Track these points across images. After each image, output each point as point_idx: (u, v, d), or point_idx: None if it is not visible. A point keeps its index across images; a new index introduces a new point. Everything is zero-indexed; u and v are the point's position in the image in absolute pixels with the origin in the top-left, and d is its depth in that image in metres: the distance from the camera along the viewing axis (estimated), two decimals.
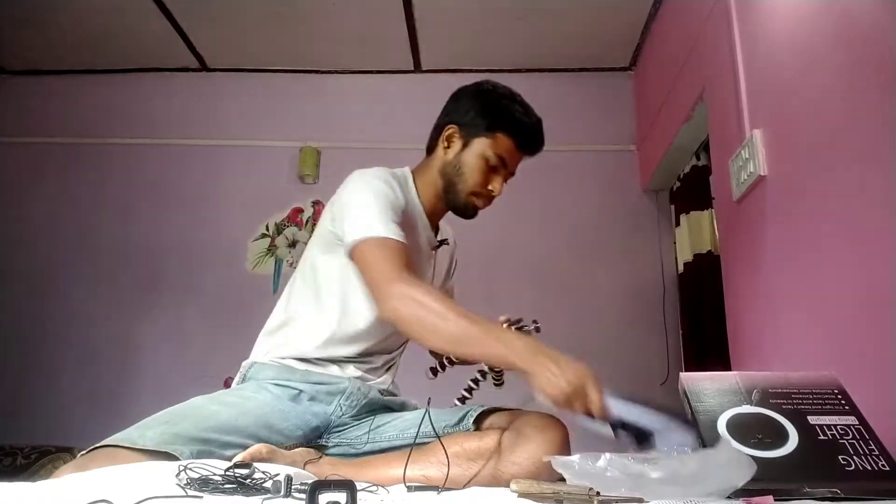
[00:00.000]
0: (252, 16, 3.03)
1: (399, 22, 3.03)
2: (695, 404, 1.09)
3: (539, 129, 1.43)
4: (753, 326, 1.90)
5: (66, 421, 2.93)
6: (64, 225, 3.26)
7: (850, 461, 0.97)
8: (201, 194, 3.23)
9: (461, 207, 1.44)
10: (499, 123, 1.39)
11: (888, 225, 1.27)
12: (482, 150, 1.39)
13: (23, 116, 3.43)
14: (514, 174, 1.45)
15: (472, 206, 1.44)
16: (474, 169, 1.40)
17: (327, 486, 0.69)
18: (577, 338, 3.01)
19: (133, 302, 3.13)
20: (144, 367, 3.05)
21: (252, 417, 1.19)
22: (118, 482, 0.83)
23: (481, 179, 1.40)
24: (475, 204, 1.43)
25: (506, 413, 1.21)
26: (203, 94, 3.45)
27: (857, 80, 1.40)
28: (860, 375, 1.24)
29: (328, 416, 1.32)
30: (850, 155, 1.42)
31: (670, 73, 2.72)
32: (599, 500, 0.83)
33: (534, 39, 3.16)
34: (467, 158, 1.40)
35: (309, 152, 3.19)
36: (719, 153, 2.17)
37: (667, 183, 3.07)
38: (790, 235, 1.69)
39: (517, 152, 1.41)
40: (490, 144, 1.39)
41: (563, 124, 3.29)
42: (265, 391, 1.29)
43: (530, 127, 1.41)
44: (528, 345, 1.10)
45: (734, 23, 2.02)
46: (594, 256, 3.14)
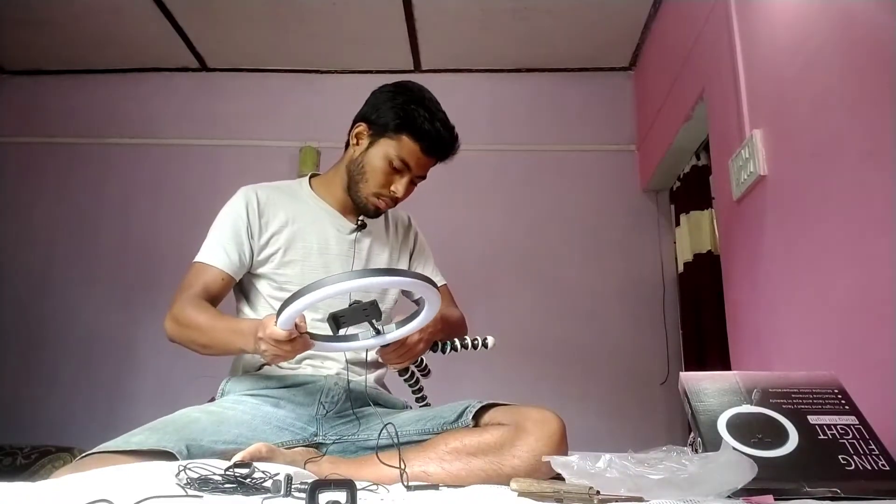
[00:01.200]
0: (252, 16, 3.03)
1: (399, 22, 3.03)
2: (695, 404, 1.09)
3: (445, 136, 1.40)
4: (753, 326, 1.90)
5: (66, 421, 2.93)
6: (64, 225, 3.26)
7: (850, 461, 0.98)
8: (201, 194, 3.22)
9: (361, 206, 1.45)
10: (403, 126, 1.38)
11: (888, 225, 1.27)
12: (386, 152, 1.39)
13: (23, 116, 3.43)
14: (424, 178, 1.45)
15: (372, 206, 1.43)
16: (376, 169, 1.40)
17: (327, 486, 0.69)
18: (577, 338, 3.03)
19: (133, 302, 3.13)
20: (144, 367, 3.05)
21: (234, 423, 1.21)
22: (118, 482, 0.83)
23: (383, 180, 1.40)
24: (376, 204, 1.43)
25: (504, 408, 1.22)
26: (203, 93, 3.45)
27: (858, 80, 1.40)
28: (860, 375, 1.24)
29: (312, 416, 1.33)
30: (850, 155, 1.42)
31: (670, 73, 2.72)
32: (599, 500, 0.83)
33: (534, 39, 3.16)
34: (371, 158, 1.41)
35: (309, 152, 3.20)
36: (719, 153, 2.17)
37: (667, 183, 3.07)
38: (790, 235, 1.69)
39: (423, 157, 1.39)
40: (394, 146, 1.38)
41: (563, 124, 3.32)
42: (243, 402, 1.31)
43: (434, 133, 1.38)
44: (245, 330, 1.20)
45: (734, 23, 2.02)
46: (594, 256, 3.14)
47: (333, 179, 1.49)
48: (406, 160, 1.38)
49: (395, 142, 1.38)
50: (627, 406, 2.92)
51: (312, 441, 1.29)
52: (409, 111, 1.38)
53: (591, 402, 2.89)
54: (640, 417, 2.90)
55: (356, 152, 1.44)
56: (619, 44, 3.20)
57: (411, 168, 1.40)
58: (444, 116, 1.42)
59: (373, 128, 1.42)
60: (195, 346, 1.30)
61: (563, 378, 2.94)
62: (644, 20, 2.99)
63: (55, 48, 3.28)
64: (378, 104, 1.43)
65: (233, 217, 1.41)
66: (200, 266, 1.38)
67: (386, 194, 1.41)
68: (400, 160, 1.38)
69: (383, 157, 1.39)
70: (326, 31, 3.10)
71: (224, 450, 1.11)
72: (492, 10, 2.96)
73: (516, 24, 3.03)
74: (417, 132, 1.37)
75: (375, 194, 1.41)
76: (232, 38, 3.22)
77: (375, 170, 1.40)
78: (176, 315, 1.32)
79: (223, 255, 1.38)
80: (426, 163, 1.41)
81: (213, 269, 1.37)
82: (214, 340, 1.27)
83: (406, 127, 1.38)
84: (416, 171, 1.41)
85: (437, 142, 1.39)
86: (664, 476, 0.85)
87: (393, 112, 1.39)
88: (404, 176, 1.40)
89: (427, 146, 1.38)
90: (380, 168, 1.39)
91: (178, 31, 3.14)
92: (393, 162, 1.38)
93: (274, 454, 1.06)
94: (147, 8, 2.94)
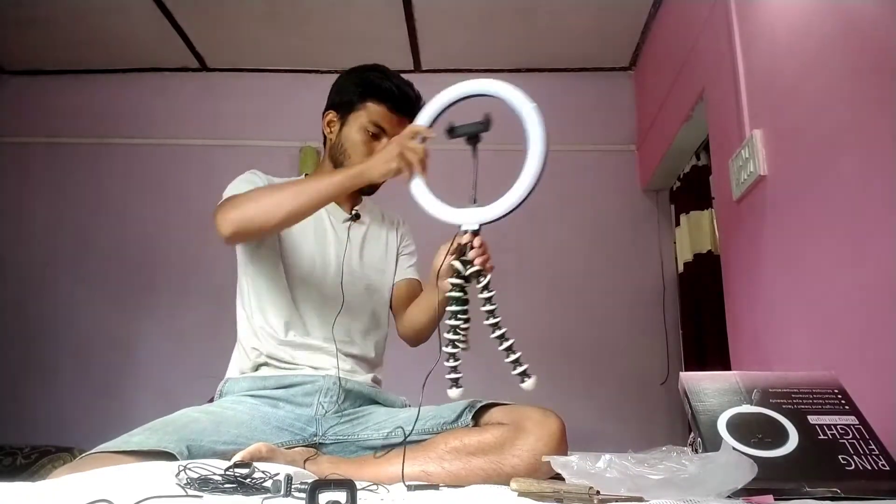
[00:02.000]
0: (252, 16, 3.03)
1: (399, 22, 3.03)
2: (695, 404, 1.09)
3: (407, 91, 1.45)
4: (753, 326, 1.90)
5: (65, 421, 2.93)
6: (64, 225, 3.26)
7: (850, 461, 0.98)
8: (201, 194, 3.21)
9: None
10: (365, 93, 1.43)
11: (888, 225, 1.27)
12: (357, 123, 1.44)
13: (23, 116, 3.43)
14: None
15: None
16: (355, 143, 1.43)
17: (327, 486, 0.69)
18: (577, 338, 3.03)
19: (133, 302, 3.13)
20: (144, 367, 3.05)
21: (233, 424, 1.22)
22: (118, 482, 0.83)
23: (365, 150, 1.42)
24: None
25: (504, 408, 1.22)
26: (203, 93, 3.44)
27: (858, 79, 1.40)
28: (860, 375, 1.24)
29: (311, 416, 1.33)
30: (850, 155, 1.42)
31: (670, 73, 2.72)
32: (599, 500, 0.83)
33: (534, 39, 3.16)
34: (347, 135, 1.45)
35: (309, 152, 3.19)
36: (719, 153, 2.17)
37: (667, 183, 3.07)
38: (790, 235, 1.69)
39: (393, 116, 1.43)
40: (363, 115, 1.43)
41: (563, 124, 3.30)
42: (242, 403, 1.32)
43: (395, 89, 1.43)
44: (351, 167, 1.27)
45: (734, 23, 2.02)
46: (594, 256, 3.14)
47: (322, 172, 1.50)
48: (379, 123, 1.43)
49: (362, 111, 1.44)
50: (627, 406, 2.92)
51: (312, 441, 1.30)
52: (365, 79, 1.45)
53: (591, 401, 2.88)
54: (640, 417, 2.90)
55: (333, 137, 1.48)
56: (619, 44, 3.20)
57: (387, 130, 1.43)
58: (399, 76, 1.46)
59: (339, 110, 1.47)
60: (275, 201, 1.28)
61: (562, 378, 2.93)
62: (644, 20, 2.99)
63: (55, 48, 3.27)
64: (337, 88, 1.49)
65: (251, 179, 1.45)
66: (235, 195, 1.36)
67: None
68: (373, 124, 1.42)
69: (357, 129, 1.43)
70: (326, 31, 3.10)
71: (224, 450, 1.11)
72: (492, 10, 2.96)
73: (516, 24, 3.03)
74: (379, 93, 1.43)
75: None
76: (232, 38, 3.22)
77: (355, 143, 1.43)
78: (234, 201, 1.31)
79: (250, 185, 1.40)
80: (398, 122, 1.43)
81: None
82: (311, 183, 1.29)
83: (367, 93, 1.43)
84: (393, 133, 1.41)
85: (400, 98, 1.43)
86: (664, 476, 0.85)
87: (352, 87, 1.45)
88: (383, 140, 1.42)
89: (392, 104, 1.43)
90: (359, 140, 1.43)
91: (178, 31, 3.14)
92: (368, 129, 1.42)
93: (274, 454, 1.06)
94: (147, 8, 2.94)
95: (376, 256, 1.54)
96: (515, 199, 1.13)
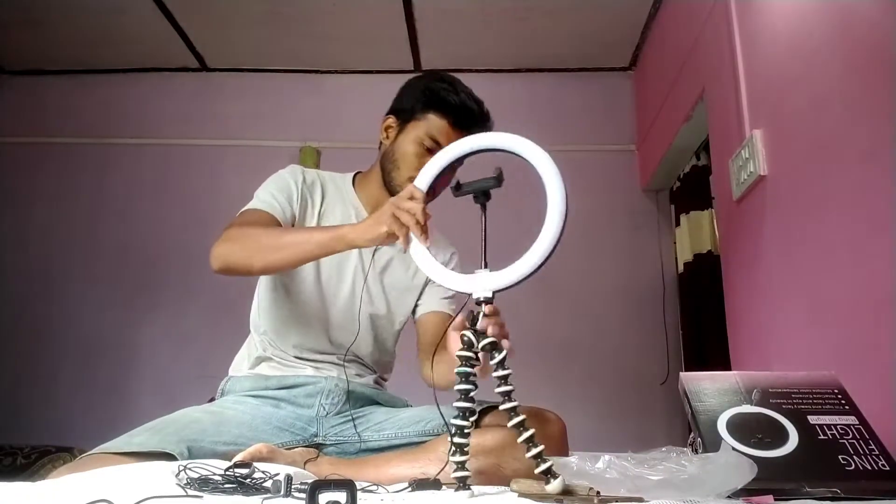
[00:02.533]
0: (252, 16, 3.03)
1: (399, 22, 3.03)
2: (695, 404, 1.09)
3: (473, 107, 1.37)
4: (753, 326, 1.90)
5: (66, 421, 2.93)
6: (64, 225, 3.26)
7: (850, 461, 0.98)
8: (201, 194, 3.22)
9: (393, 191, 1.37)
10: (429, 104, 1.36)
11: (888, 225, 1.27)
12: (415, 134, 1.36)
13: (23, 116, 3.43)
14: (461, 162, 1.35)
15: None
16: (408, 154, 1.36)
17: (327, 486, 0.69)
18: (577, 338, 3.03)
19: (133, 302, 3.13)
20: (144, 367, 3.05)
21: (234, 424, 1.21)
22: (118, 482, 0.83)
23: (416, 163, 1.33)
24: None
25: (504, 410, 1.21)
26: (203, 93, 3.44)
27: (858, 79, 1.40)
28: (860, 375, 1.24)
29: (313, 416, 1.33)
30: (850, 155, 1.42)
31: (670, 73, 2.72)
32: (600, 500, 0.83)
33: (534, 39, 3.16)
34: (401, 145, 1.37)
35: (309, 152, 3.20)
36: (719, 153, 2.17)
37: (667, 183, 3.07)
38: (790, 235, 1.69)
39: (453, 131, 1.34)
40: (422, 126, 1.36)
41: (563, 124, 3.31)
42: (244, 403, 1.31)
43: (460, 104, 1.35)
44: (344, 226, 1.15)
45: (734, 23, 2.02)
46: (594, 256, 3.14)
47: (371, 178, 1.47)
48: (436, 137, 1.34)
49: (422, 122, 1.36)
50: (627, 406, 2.92)
51: (312, 442, 1.29)
52: (431, 88, 1.37)
53: (592, 402, 2.88)
54: (640, 417, 2.90)
55: (387, 145, 1.41)
56: (619, 44, 3.20)
57: (442, 145, 1.31)
58: (470, 90, 1.39)
59: (400, 116, 1.40)
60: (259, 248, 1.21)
61: (563, 378, 2.93)
62: (644, 20, 2.99)
63: (55, 48, 3.28)
64: (403, 94, 1.42)
65: (284, 181, 1.39)
66: (249, 211, 1.33)
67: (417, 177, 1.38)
68: (430, 138, 1.34)
69: (413, 140, 1.36)
70: (326, 31, 3.10)
71: (225, 450, 1.11)
72: (492, 10, 2.96)
73: (516, 24, 3.03)
74: (443, 106, 1.35)
75: (410, 178, 1.32)
76: (232, 38, 3.22)
77: (406, 154, 1.36)
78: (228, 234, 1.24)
79: (274, 202, 1.34)
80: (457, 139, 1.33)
81: (263, 213, 1.32)
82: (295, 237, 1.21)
83: (431, 104, 1.36)
84: None
85: (464, 113, 1.35)
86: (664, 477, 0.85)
87: (417, 94, 1.38)
88: None
89: (455, 119, 1.35)
90: (411, 152, 1.35)
91: (178, 31, 3.14)
92: (424, 142, 1.35)
93: (274, 454, 1.06)
94: (147, 8, 2.94)
95: (399, 282, 1.47)
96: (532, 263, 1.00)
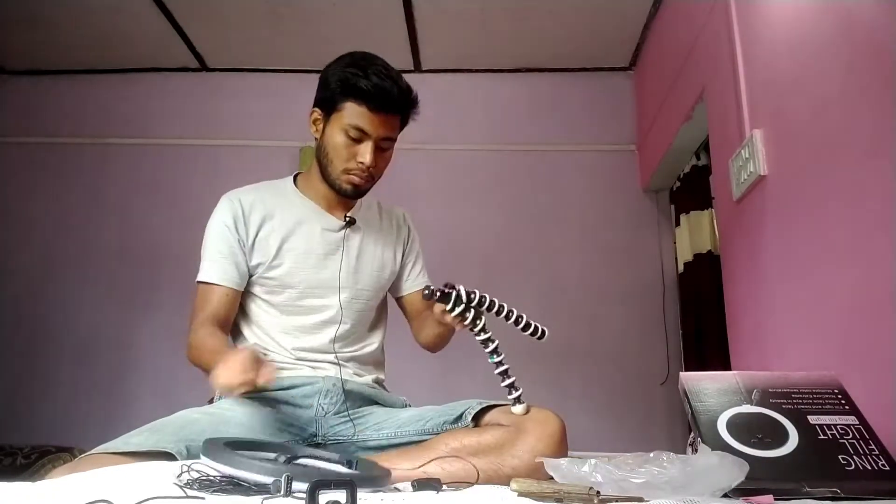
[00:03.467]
0: (252, 16, 3.03)
1: (399, 22, 3.03)
2: (695, 404, 1.09)
3: (388, 86, 1.32)
4: (753, 326, 1.90)
5: (65, 421, 2.94)
6: (64, 225, 3.26)
7: (850, 461, 0.98)
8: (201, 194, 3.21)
9: (338, 189, 1.39)
10: (344, 92, 1.33)
11: (888, 225, 1.27)
12: (339, 125, 1.34)
13: (23, 116, 3.43)
14: (392, 140, 1.38)
15: (347, 185, 1.38)
16: (337, 146, 1.35)
17: (327, 486, 0.69)
18: (577, 337, 3.03)
19: (132, 302, 3.13)
20: (144, 367, 3.05)
21: (233, 424, 1.21)
22: (118, 482, 0.83)
23: (346, 154, 1.34)
24: (350, 181, 1.37)
25: (504, 409, 1.22)
26: (203, 93, 3.45)
27: (857, 79, 1.40)
28: (860, 375, 1.24)
29: (311, 416, 1.33)
30: (850, 155, 1.42)
31: (670, 73, 2.72)
32: (600, 500, 0.83)
33: (534, 39, 3.16)
34: (330, 137, 1.36)
35: (309, 152, 3.18)
36: (719, 153, 2.17)
37: (667, 183, 3.07)
38: (790, 235, 1.69)
39: (374, 115, 1.32)
40: (344, 116, 1.33)
41: (563, 124, 3.32)
42: (242, 405, 1.31)
43: (374, 88, 1.31)
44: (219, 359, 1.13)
45: (734, 23, 2.02)
46: (594, 256, 3.14)
47: (312, 174, 1.47)
48: (359, 126, 1.32)
49: (342, 112, 1.33)
50: (627, 406, 2.92)
51: (312, 441, 1.30)
52: (343, 76, 1.33)
53: (592, 401, 2.89)
54: (640, 417, 2.90)
55: (318, 139, 1.41)
56: (619, 44, 3.20)
57: (369, 132, 1.33)
58: (382, 68, 1.34)
59: (323, 108, 1.39)
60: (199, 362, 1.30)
61: (563, 378, 2.94)
62: (644, 20, 2.99)
63: (55, 48, 3.28)
64: (322, 84, 1.40)
65: (222, 231, 1.40)
66: (205, 288, 1.38)
67: (354, 167, 1.36)
68: (353, 128, 1.33)
69: (338, 131, 1.34)
70: (326, 31, 3.10)
71: None
72: (492, 10, 2.96)
73: (516, 24, 3.03)
74: (356, 93, 1.31)
75: (344, 170, 1.37)
76: (232, 38, 3.22)
77: (336, 146, 1.35)
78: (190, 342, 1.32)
79: (221, 271, 1.37)
80: (381, 121, 1.33)
81: (217, 288, 1.37)
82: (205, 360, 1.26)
83: (346, 92, 1.32)
84: (376, 135, 1.33)
85: (379, 96, 1.31)
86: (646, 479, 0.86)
87: (333, 84, 1.35)
88: (365, 142, 1.34)
89: (372, 104, 1.31)
90: (339, 143, 1.35)
91: (178, 31, 3.14)
92: (348, 132, 1.33)
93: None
94: (147, 8, 2.94)
95: (375, 266, 1.49)
96: None
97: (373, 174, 1.39)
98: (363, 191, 1.42)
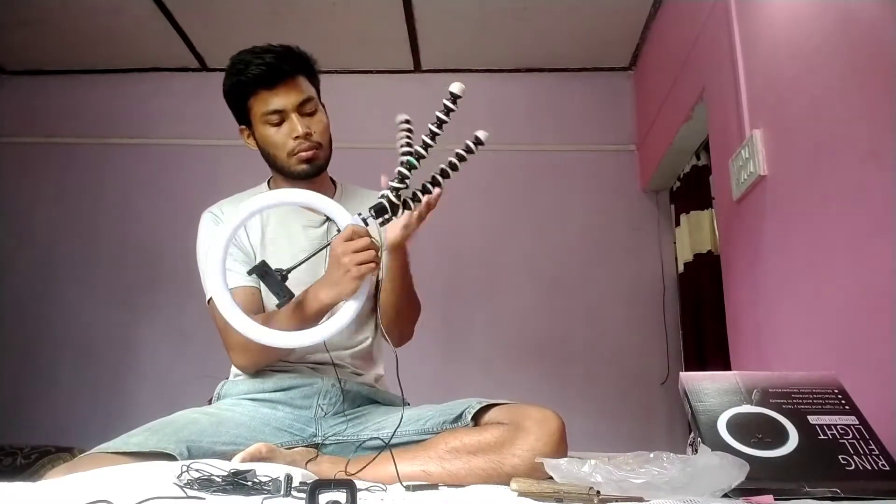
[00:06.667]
0: (252, 16, 3.03)
1: (399, 22, 3.03)
2: (695, 404, 1.09)
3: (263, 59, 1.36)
4: (753, 326, 1.90)
5: (65, 421, 2.93)
6: (64, 225, 3.26)
7: (850, 461, 0.98)
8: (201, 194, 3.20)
9: (292, 174, 1.42)
10: (241, 98, 1.40)
11: (888, 225, 1.27)
12: (259, 123, 1.40)
13: (23, 116, 3.43)
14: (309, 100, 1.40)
15: (298, 165, 1.41)
16: (268, 137, 1.40)
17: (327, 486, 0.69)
18: (577, 337, 3.03)
19: (133, 302, 3.13)
20: (144, 367, 3.05)
21: (232, 425, 1.21)
22: (118, 482, 0.83)
23: (280, 139, 1.39)
24: (300, 159, 1.40)
25: (504, 407, 1.22)
26: (203, 93, 3.43)
27: (857, 80, 1.40)
28: (860, 375, 1.24)
29: (311, 417, 1.33)
30: (849, 155, 1.42)
31: (670, 73, 2.72)
32: (599, 500, 0.83)
33: (534, 39, 3.16)
34: (262, 138, 1.42)
35: None
36: (719, 153, 2.17)
37: (667, 183, 3.07)
38: (790, 235, 1.69)
39: (275, 92, 1.37)
40: (257, 115, 1.39)
41: (563, 124, 3.32)
42: (241, 405, 1.31)
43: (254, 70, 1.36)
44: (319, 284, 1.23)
45: (734, 23, 2.02)
46: (594, 256, 3.14)
47: (277, 180, 1.50)
48: (270, 109, 1.37)
49: (253, 111, 1.40)
50: (627, 406, 2.92)
51: (311, 442, 1.30)
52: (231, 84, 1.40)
53: (592, 401, 2.89)
54: (640, 417, 2.90)
55: (254, 145, 1.47)
56: (619, 44, 3.20)
57: (282, 107, 1.37)
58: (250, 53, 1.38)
59: (242, 122, 1.45)
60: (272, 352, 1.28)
61: (563, 377, 2.94)
62: (644, 20, 2.99)
63: (55, 48, 3.27)
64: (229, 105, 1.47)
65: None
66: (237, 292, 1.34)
67: (293, 145, 1.39)
68: (268, 114, 1.37)
69: (262, 127, 1.40)
70: (326, 31, 3.10)
71: (224, 451, 1.11)
72: (492, 10, 2.96)
73: (516, 24, 3.03)
74: (248, 87, 1.37)
75: (288, 153, 1.40)
76: (232, 38, 3.19)
77: (269, 140, 1.40)
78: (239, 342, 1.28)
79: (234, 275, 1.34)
80: (285, 91, 1.37)
81: (237, 291, 1.33)
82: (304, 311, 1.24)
83: (243, 96, 1.39)
84: (290, 105, 1.37)
85: (264, 74, 1.36)
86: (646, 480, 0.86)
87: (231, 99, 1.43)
88: (288, 118, 1.38)
89: (265, 84, 1.37)
90: (269, 134, 1.39)
91: (178, 31, 3.14)
92: (269, 121, 1.38)
93: (274, 454, 1.06)
94: (146, 7, 2.94)
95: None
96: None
97: (317, 141, 1.41)
98: (320, 164, 1.43)
